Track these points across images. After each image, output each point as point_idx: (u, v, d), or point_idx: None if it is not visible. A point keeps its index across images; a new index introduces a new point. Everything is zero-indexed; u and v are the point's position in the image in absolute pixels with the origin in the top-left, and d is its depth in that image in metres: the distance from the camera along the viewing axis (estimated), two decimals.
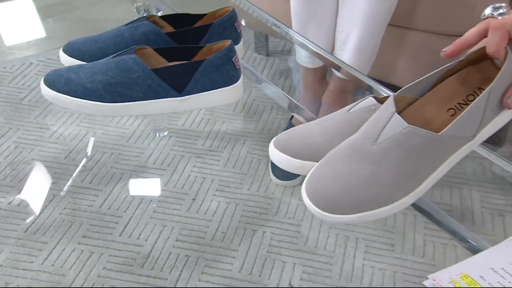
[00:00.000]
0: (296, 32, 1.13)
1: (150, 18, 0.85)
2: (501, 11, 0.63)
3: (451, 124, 0.60)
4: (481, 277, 0.58)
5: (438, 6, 1.21)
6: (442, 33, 1.23)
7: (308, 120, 0.86)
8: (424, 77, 0.66)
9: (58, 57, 0.85)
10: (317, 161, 0.65)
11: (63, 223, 1.14)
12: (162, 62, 0.80)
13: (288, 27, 1.12)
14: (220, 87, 0.78)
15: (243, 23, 1.12)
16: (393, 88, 0.78)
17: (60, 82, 0.74)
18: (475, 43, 0.62)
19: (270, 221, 1.17)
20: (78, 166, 1.28)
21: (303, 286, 1.04)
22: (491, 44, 0.60)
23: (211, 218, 1.18)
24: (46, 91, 0.74)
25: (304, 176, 0.64)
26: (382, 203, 0.60)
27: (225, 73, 0.77)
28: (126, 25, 0.83)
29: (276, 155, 0.68)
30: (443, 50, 0.64)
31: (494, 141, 1.32)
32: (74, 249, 1.08)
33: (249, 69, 1.08)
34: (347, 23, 1.15)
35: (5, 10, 1.71)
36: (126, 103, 0.74)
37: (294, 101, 1.03)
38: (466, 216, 1.17)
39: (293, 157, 0.68)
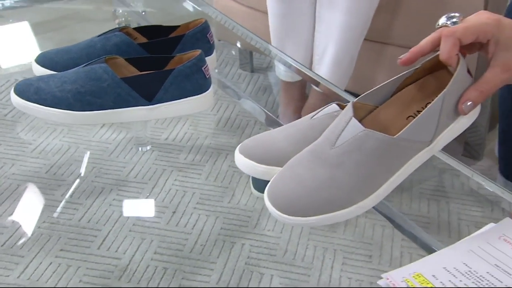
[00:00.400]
0: (275, 47, 1.14)
1: (123, 29, 0.86)
2: (454, 20, 0.64)
3: (406, 127, 0.62)
4: (434, 276, 0.59)
5: (413, 22, 1.22)
6: None
7: None
8: (382, 84, 0.67)
9: None
10: (282, 166, 0.66)
11: (41, 236, 1.14)
12: (133, 72, 0.81)
13: (267, 42, 1.14)
14: (190, 96, 0.78)
15: (225, 40, 1.13)
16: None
17: (30, 91, 0.75)
18: (429, 51, 0.64)
19: (249, 233, 1.17)
20: (58, 180, 1.28)
21: None
22: (443, 51, 0.62)
23: (191, 231, 1.18)
24: (15, 99, 0.75)
25: None
26: (341, 206, 0.61)
27: (194, 82, 0.78)
28: (98, 36, 0.84)
29: (241, 161, 0.69)
30: (399, 57, 0.66)
31: (472, 155, 1.33)
32: (51, 263, 1.08)
33: (228, 85, 1.09)
34: (324, 38, 1.17)
35: None
36: (95, 111, 0.75)
37: (271, 115, 1.04)
38: (442, 228, 1.17)
39: (257, 163, 0.68)
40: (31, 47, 1.69)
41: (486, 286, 0.58)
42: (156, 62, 0.81)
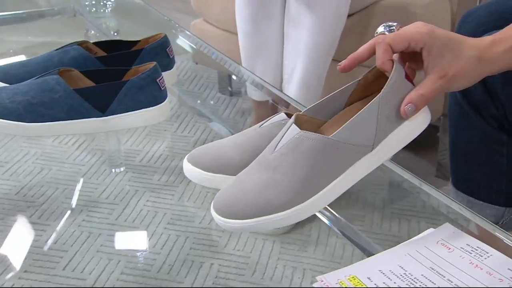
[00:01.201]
0: (245, 67, 1.15)
1: (82, 43, 0.86)
2: (391, 28, 0.68)
3: (340, 128, 0.62)
4: (369, 278, 0.59)
5: None
6: None
7: None
8: (328, 96, 0.68)
9: None
10: (229, 174, 0.66)
11: (5, 258, 1.11)
12: (88, 84, 0.80)
13: (238, 63, 1.14)
14: (144, 108, 0.78)
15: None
16: None
17: None
18: (367, 58, 0.66)
19: (219, 253, 1.15)
20: (28, 202, 1.26)
21: None
22: (377, 58, 0.64)
23: (160, 251, 1.16)
24: None
25: None
26: (279, 208, 0.60)
27: (149, 94, 0.78)
28: (56, 49, 0.84)
29: (188, 169, 0.69)
30: (338, 64, 0.68)
31: (445, 176, 1.32)
32: (13, 284, 1.06)
33: (197, 108, 1.10)
34: (292, 57, 1.17)
35: None
36: (47, 123, 0.74)
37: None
38: None
39: (204, 170, 0.68)
40: None
41: (419, 287, 0.58)
42: (112, 75, 0.81)
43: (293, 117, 0.65)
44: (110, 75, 0.80)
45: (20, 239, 1.15)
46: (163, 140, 1.49)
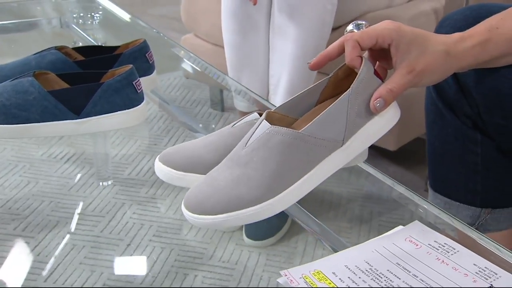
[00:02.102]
0: (231, 78, 1.14)
1: (62, 49, 0.86)
2: (360, 26, 0.69)
3: (310, 122, 0.62)
4: (334, 273, 0.59)
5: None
6: None
7: None
8: (299, 94, 0.69)
9: None
10: (200, 173, 0.66)
11: None
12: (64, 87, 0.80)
13: (224, 74, 1.14)
14: (119, 110, 0.77)
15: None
16: None
17: None
18: (336, 55, 0.67)
19: (203, 265, 1.13)
20: (13, 214, 1.25)
21: None
22: (346, 55, 0.65)
23: (144, 262, 1.14)
24: None
25: None
26: (250, 203, 0.60)
27: (125, 96, 0.77)
28: (34, 54, 0.84)
29: (159, 168, 0.68)
30: (308, 62, 0.68)
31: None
32: None
33: (188, 123, 1.10)
34: (278, 67, 1.17)
35: None
36: (21, 124, 0.74)
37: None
38: None
39: (174, 169, 0.67)
40: None
41: (384, 282, 0.58)
42: (89, 78, 0.80)
43: (264, 114, 0.65)
44: (87, 78, 0.80)
45: (2, 252, 1.14)
46: (152, 154, 1.48)
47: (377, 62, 0.69)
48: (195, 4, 1.63)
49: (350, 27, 0.69)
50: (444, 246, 0.63)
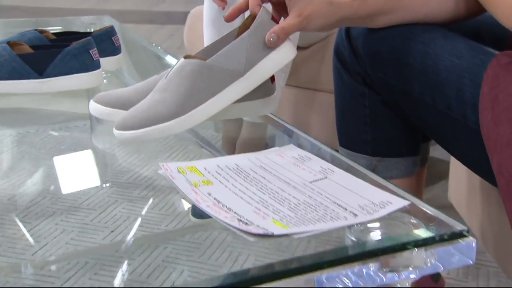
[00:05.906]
0: None
1: (42, 32, 1.01)
2: None
3: (215, 54, 0.73)
4: (205, 168, 0.69)
5: None
6: None
7: None
8: (213, 42, 0.81)
9: None
10: (125, 109, 0.78)
11: None
12: None
13: None
14: (76, 73, 0.90)
15: None
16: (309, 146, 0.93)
17: None
18: (245, 8, 0.83)
19: (192, 262, 1.20)
20: (16, 205, 1.37)
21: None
22: (249, 5, 0.81)
23: (124, 249, 1.22)
24: None
25: None
26: (164, 119, 0.73)
27: (82, 62, 0.91)
28: (18, 34, 1.00)
29: (92, 106, 0.80)
30: (224, 15, 0.85)
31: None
32: None
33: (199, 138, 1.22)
34: None
35: None
36: None
37: None
38: None
39: (104, 106, 0.79)
40: None
41: (243, 175, 0.70)
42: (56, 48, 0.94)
43: (183, 56, 0.77)
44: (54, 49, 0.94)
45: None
46: (152, 164, 1.59)
47: (279, 14, 0.82)
48: (196, 31, 1.80)
49: None
50: (303, 158, 0.77)
